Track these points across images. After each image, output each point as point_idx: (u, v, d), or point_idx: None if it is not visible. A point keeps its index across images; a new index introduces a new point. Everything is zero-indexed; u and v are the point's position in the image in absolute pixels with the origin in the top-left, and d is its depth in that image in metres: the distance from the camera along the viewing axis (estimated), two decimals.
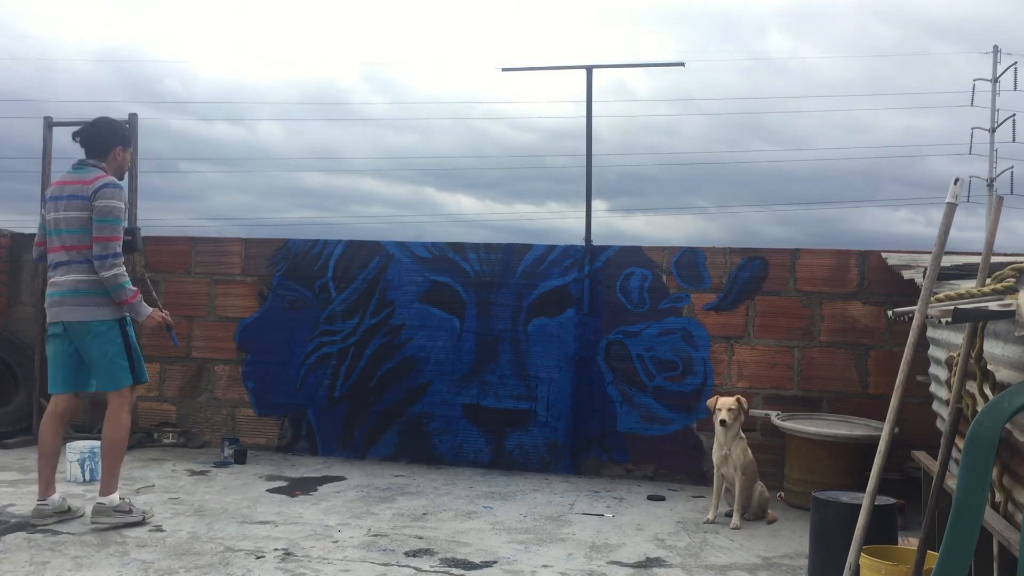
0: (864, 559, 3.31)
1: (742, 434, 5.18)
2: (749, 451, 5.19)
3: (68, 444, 5.62)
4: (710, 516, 5.11)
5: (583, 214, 6.59)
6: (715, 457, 5.17)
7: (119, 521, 4.48)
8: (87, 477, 5.53)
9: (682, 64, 6.94)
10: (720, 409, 5.09)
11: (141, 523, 4.54)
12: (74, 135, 4.70)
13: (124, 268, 4.54)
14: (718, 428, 5.11)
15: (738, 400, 5.13)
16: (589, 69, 6.73)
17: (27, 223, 8.02)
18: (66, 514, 4.60)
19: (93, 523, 4.47)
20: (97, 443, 5.60)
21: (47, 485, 4.58)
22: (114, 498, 4.54)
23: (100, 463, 4.66)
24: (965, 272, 4.40)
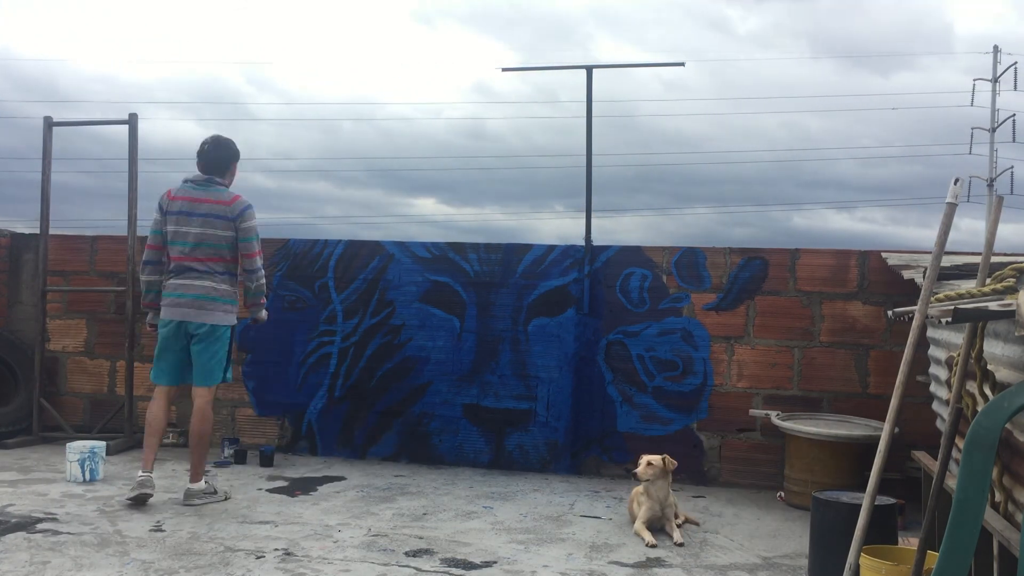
0: (864, 559, 3.31)
1: (668, 480, 4.86)
2: (672, 494, 4.89)
3: (68, 444, 5.63)
4: (654, 541, 4.60)
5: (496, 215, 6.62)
6: (648, 515, 4.74)
7: (207, 501, 5.09)
8: (87, 477, 5.52)
9: (682, 64, 6.95)
10: (639, 464, 4.82)
11: (225, 500, 5.17)
12: (199, 156, 5.22)
13: (262, 276, 5.35)
14: (644, 486, 4.79)
15: (663, 459, 4.84)
16: (589, 69, 6.73)
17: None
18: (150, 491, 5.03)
19: (186, 503, 5.03)
20: (95, 443, 5.62)
21: (150, 462, 5.09)
22: (202, 483, 5.13)
23: (193, 453, 5.19)
24: (965, 272, 4.40)
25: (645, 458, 4.88)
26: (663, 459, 4.89)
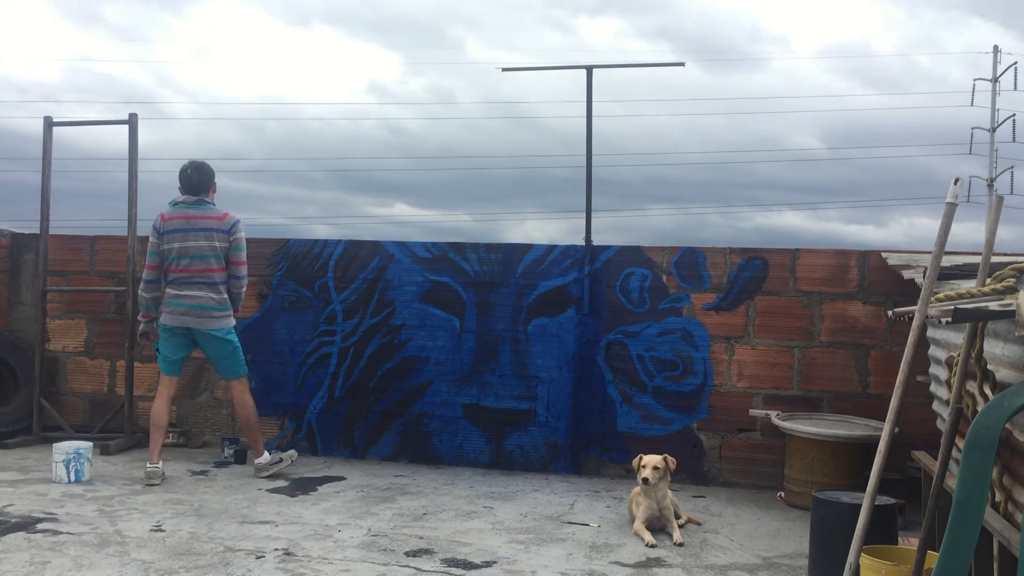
0: (864, 559, 3.31)
1: (670, 494, 4.87)
2: (671, 493, 4.91)
3: (54, 445, 5.62)
4: (653, 541, 4.61)
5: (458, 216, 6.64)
6: (646, 515, 4.76)
7: (277, 468, 5.87)
8: (72, 478, 5.49)
9: (682, 64, 6.95)
10: (645, 467, 4.80)
11: (292, 463, 5.97)
12: (182, 178, 5.79)
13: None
14: (643, 487, 4.81)
15: (665, 459, 4.87)
16: (589, 69, 6.73)
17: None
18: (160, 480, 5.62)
19: (257, 475, 5.84)
20: (81, 444, 5.63)
21: (157, 454, 5.67)
22: (266, 455, 5.89)
23: (248, 437, 5.99)
24: (965, 272, 4.40)
25: (648, 461, 4.86)
26: (664, 459, 4.89)
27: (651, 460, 4.86)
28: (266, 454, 5.90)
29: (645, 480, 4.79)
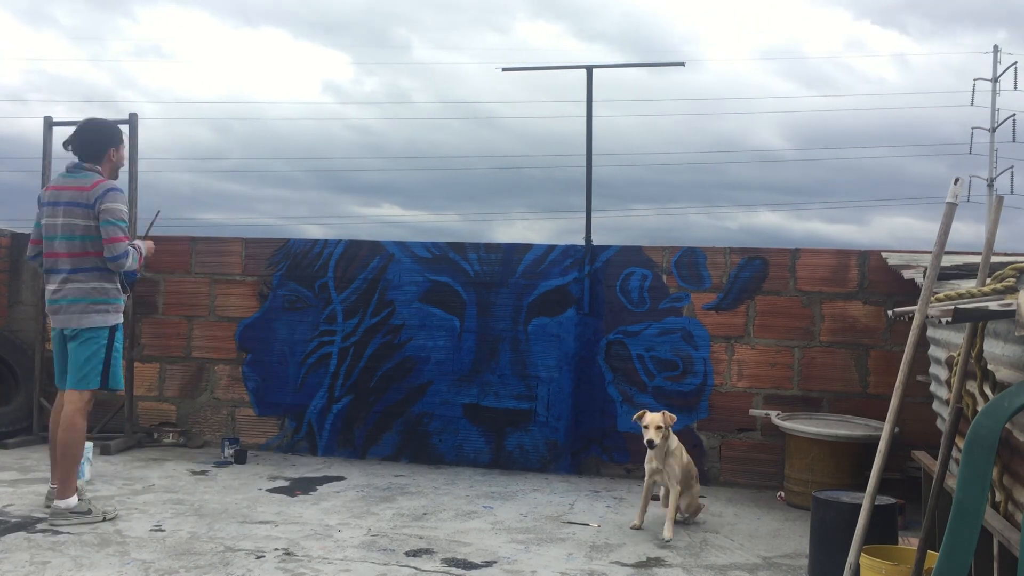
0: (864, 559, 3.31)
1: (675, 442, 4.89)
2: (685, 455, 4.91)
3: None
4: (636, 522, 4.84)
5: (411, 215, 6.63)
6: (649, 467, 4.87)
7: (77, 522, 4.50)
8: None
9: (682, 64, 6.95)
10: (648, 427, 4.75)
11: (102, 521, 4.55)
12: (65, 143, 4.74)
13: (131, 259, 4.71)
14: (649, 451, 4.82)
15: (663, 415, 4.83)
16: (589, 69, 6.73)
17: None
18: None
19: (51, 526, 4.45)
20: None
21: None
22: (73, 499, 4.60)
23: (61, 467, 4.64)
24: (965, 272, 4.40)
25: (649, 421, 4.76)
26: (663, 415, 4.82)
27: (652, 420, 4.77)
28: (73, 499, 4.59)
29: (650, 443, 4.74)
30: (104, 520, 4.57)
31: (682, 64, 6.95)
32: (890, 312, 4.03)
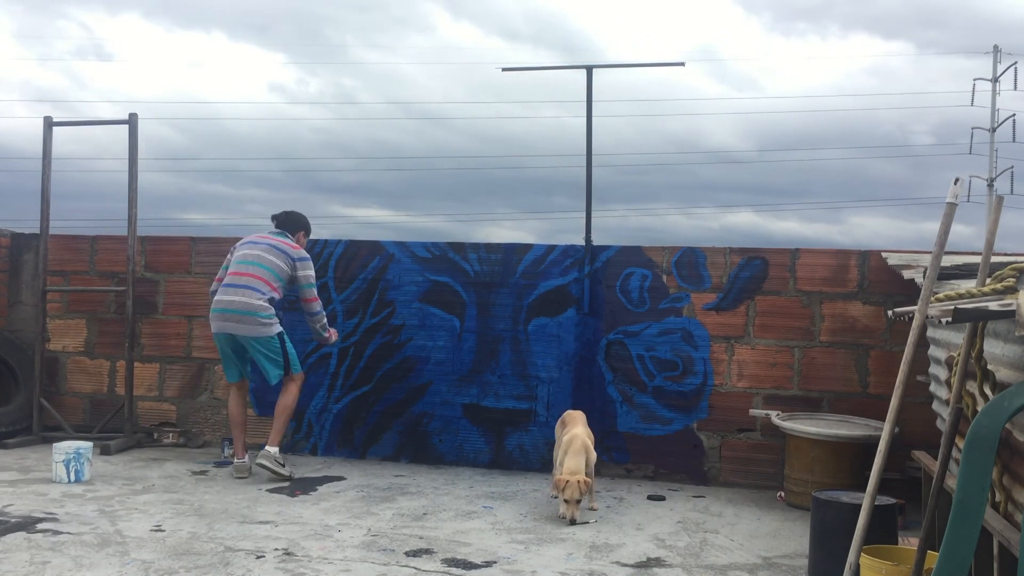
0: (864, 559, 3.31)
1: (586, 466, 5.08)
2: (584, 458, 5.09)
3: (54, 445, 5.61)
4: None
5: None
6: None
7: (275, 470, 5.71)
8: (72, 478, 5.47)
9: (682, 64, 6.95)
10: (568, 502, 4.95)
11: (289, 479, 5.74)
12: (273, 217, 6.17)
13: (323, 311, 6.14)
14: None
15: (580, 484, 4.95)
16: (589, 69, 6.73)
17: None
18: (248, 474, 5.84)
19: (257, 463, 5.73)
20: (81, 444, 5.61)
21: (242, 449, 5.92)
22: (276, 450, 5.80)
23: (273, 422, 5.96)
24: (965, 272, 4.40)
25: (568, 494, 4.95)
26: (578, 484, 4.95)
27: (571, 494, 4.93)
28: (278, 448, 5.84)
29: (572, 521, 4.92)
30: (292, 479, 5.76)
31: (682, 64, 6.95)
32: (890, 312, 4.03)
